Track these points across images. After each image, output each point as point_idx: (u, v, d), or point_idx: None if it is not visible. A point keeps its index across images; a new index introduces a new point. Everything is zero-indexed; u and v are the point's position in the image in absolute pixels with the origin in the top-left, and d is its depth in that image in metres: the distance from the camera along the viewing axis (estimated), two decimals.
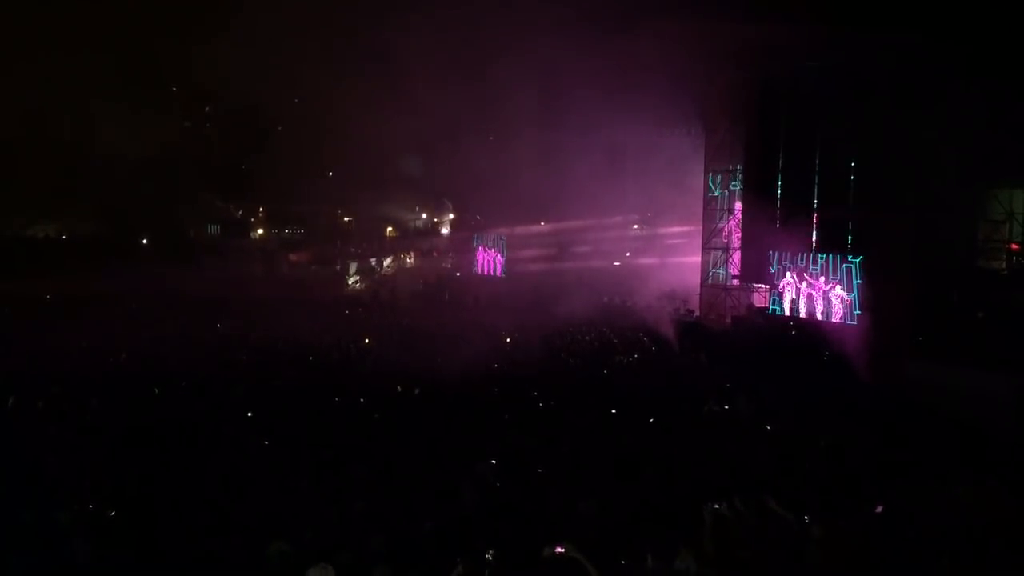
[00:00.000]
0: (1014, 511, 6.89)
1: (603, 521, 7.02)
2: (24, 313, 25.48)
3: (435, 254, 45.41)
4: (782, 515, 6.21)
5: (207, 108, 46.97)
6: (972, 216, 20.10)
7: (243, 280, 35.06)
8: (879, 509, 6.93)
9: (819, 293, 20.87)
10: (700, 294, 26.34)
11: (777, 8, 19.88)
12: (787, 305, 21.87)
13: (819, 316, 20.85)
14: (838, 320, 20.13)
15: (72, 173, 37.79)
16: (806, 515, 6.33)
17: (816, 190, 21.83)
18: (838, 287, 20.24)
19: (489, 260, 35.63)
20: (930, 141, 17.74)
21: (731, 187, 25.73)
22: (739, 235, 25.29)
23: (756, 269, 23.58)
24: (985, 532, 6.32)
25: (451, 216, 47.87)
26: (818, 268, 20.90)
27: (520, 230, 34.74)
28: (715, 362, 18.36)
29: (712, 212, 26.12)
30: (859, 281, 19.65)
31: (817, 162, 21.71)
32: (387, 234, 48.74)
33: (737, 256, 25.36)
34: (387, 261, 44.69)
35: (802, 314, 21.36)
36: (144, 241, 43.38)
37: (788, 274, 21.84)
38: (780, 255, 22.03)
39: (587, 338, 21.85)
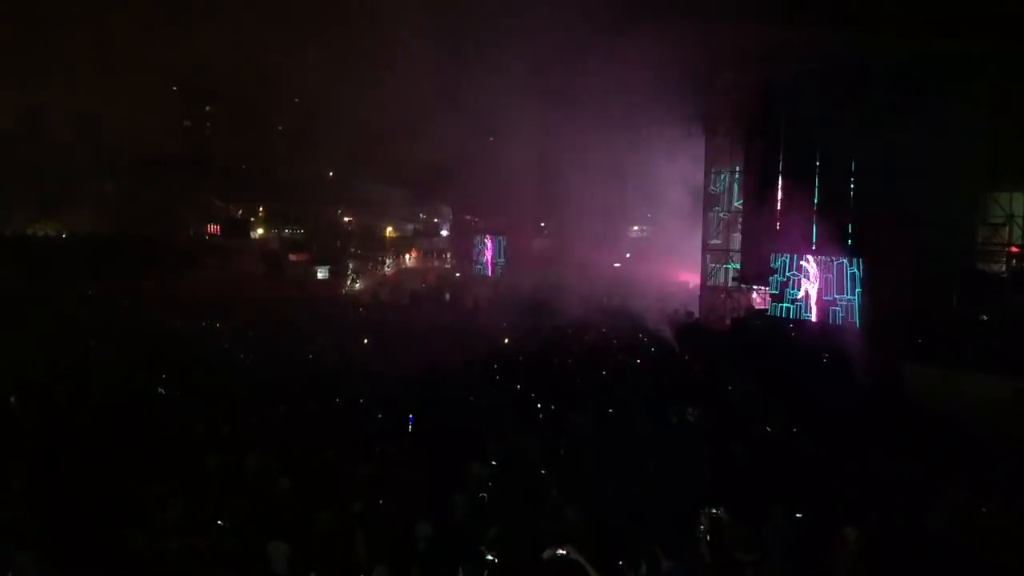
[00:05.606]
0: (1011, 515, 6.89)
1: (601, 523, 7.01)
2: (23, 311, 25.46)
3: (435, 255, 45.42)
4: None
5: (207, 107, 47.08)
6: (972, 219, 20.06)
7: (243, 279, 35.08)
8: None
9: (818, 295, 20.86)
10: (700, 296, 26.32)
11: (778, 10, 19.89)
12: (787, 307, 21.86)
13: (818, 318, 20.84)
14: (837, 322, 20.12)
15: (72, 173, 37.85)
16: (803, 519, 6.33)
17: (816, 192, 21.82)
18: (837, 290, 20.24)
19: (489, 261, 35.64)
20: (930, 143, 17.69)
21: (731, 188, 25.72)
22: (740, 237, 25.27)
23: (756, 271, 23.56)
24: (983, 536, 6.32)
25: (451, 217, 47.88)
26: (817, 270, 20.89)
27: (520, 231, 34.70)
28: (714, 364, 18.32)
29: (712, 214, 26.12)
30: (859, 284, 19.65)
31: (817, 164, 21.69)
32: (387, 234, 48.81)
33: (737, 258, 25.35)
34: (387, 261, 44.72)
35: (801, 316, 21.35)
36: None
37: (788, 276, 21.84)
38: (780, 257, 22.03)
39: (586, 339, 21.84)
